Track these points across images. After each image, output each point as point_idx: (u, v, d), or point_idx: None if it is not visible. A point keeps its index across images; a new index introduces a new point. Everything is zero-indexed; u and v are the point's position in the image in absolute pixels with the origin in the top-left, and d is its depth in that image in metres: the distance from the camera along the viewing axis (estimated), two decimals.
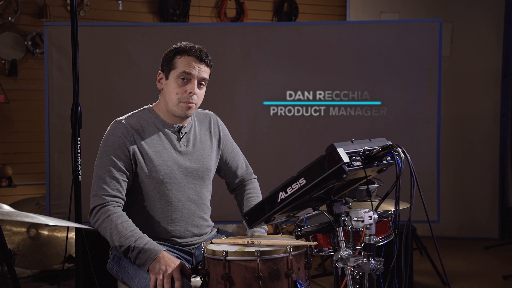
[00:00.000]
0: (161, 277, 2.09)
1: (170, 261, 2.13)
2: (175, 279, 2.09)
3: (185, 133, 2.40)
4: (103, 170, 2.27)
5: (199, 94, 2.33)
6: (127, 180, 2.29)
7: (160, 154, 2.32)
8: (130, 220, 2.25)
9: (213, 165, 2.49)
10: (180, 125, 2.38)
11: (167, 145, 2.35)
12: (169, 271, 2.10)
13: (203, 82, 2.34)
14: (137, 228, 2.23)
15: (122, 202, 2.29)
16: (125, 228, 2.20)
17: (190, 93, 2.28)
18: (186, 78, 2.29)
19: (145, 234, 2.23)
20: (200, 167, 2.41)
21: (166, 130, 2.37)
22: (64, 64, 3.80)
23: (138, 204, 2.35)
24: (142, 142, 2.30)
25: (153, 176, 2.31)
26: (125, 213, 2.26)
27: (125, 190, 2.29)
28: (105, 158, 2.28)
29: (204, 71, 2.32)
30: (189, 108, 2.31)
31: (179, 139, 2.38)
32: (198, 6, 5.44)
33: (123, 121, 2.32)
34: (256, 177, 2.71)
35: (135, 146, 2.29)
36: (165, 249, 2.19)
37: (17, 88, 4.79)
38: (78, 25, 2.69)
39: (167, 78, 2.33)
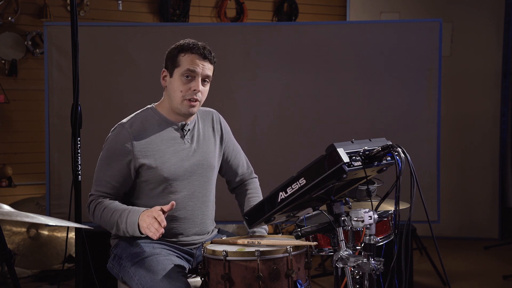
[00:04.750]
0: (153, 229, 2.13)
1: (148, 216, 2.15)
2: (160, 222, 2.12)
3: (189, 130, 2.41)
4: (98, 173, 2.35)
5: (203, 91, 2.35)
6: (119, 185, 2.33)
7: (164, 153, 2.33)
8: (107, 204, 2.28)
9: (216, 162, 2.49)
10: (184, 122, 2.39)
11: (171, 143, 2.36)
12: (155, 223, 2.12)
13: (207, 79, 2.36)
14: (115, 210, 2.25)
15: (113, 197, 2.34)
16: (108, 218, 2.26)
17: (194, 90, 2.31)
18: (190, 75, 2.31)
19: (119, 208, 2.25)
20: (204, 163, 2.42)
21: (170, 128, 2.37)
22: (64, 64, 3.80)
23: (142, 202, 2.35)
24: (145, 143, 2.31)
25: (157, 175, 2.32)
26: (106, 199, 2.30)
27: (118, 192, 2.34)
28: (103, 162, 2.34)
29: (208, 68, 2.34)
30: (193, 106, 2.33)
31: (183, 136, 2.39)
32: (198, 6, 5.44)
33: (126, 125, 2.34)
34: (256, 176, 2.71)
35: (137, 149, 2.29)
36: (142, 210, 2.21)
37: (17, 88, 4.79)
38: (78, 25, 2.70)
39: (171, 76, 2.35)
